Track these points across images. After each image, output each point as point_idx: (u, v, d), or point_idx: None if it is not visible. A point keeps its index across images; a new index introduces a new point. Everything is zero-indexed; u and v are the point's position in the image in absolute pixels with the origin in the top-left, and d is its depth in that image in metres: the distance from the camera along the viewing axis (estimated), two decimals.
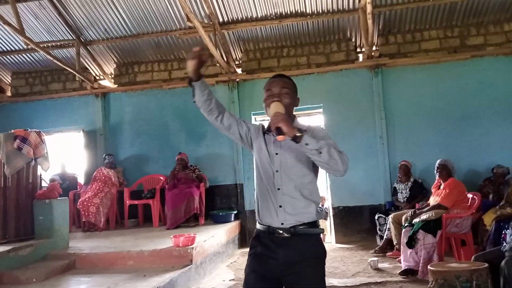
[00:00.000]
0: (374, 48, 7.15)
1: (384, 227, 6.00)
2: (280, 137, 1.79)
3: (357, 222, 6.90)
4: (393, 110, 7.00)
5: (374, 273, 4.84)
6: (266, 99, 2.01)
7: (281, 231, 1.92)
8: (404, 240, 4.63)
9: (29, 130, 5.12)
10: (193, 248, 4.58)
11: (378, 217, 6.19)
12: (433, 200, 5.00)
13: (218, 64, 7.54)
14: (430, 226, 4.44)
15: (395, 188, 6.49)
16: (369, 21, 6.04)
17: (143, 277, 3.99)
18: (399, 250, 5.20)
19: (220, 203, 7.41)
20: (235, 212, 7.14)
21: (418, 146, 6.85)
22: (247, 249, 2.09)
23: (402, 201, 6.23)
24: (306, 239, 1.92)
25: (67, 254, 4.73)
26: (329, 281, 4.55)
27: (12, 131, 5.03)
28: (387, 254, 5.63)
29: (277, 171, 1.96)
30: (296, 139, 1.78)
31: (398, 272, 4.65)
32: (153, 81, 7.91)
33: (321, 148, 1.78)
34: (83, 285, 3.91)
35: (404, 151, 6.84)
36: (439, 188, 5.05)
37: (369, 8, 5.72)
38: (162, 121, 7.74)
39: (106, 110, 7.95)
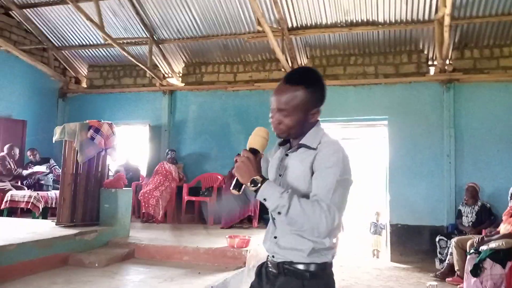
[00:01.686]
0: (447, 61, 6.84)
1: (445, 251, 5.70)
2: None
3: (415, 242, 6.61)
4: (464, 128, 6.65)
5: None
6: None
7: (270, 266, 1.63)
8: (468, 267, 4.38)
9: (102, 121, 5.39)
10: (247, 250, 4.60)
11: (439, 240, 5.89)
12: (503, 228, 4.68)
13: (283, 70, 7.55)
14: (500, 256, 4.16)
15: (459, 210, 6.16)
16: (446, 34, 5.79)
17: (198, 274, 4.06)
18: (460, 277, 4.93)
19: None
20: None
21: (488, 168, 6.44)
22: None
23: (467, 225, 5.90)
24: (291, 281, 1.56)
25: (127, 243, 4.92)
26: None
27: (87, 121, 5.31)
28: (447, 279, 5.33)
29: None
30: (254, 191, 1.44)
31: None
32: (219, 82, 8.07)
33: (279, 208, 1.40)
34: (141, 275, 4.05)
35: (472, 172, 6.47)
36: (511, 216, 4.72)
37: (447, 20, 5.48)
38: (224, 122, 7.87)
39: (172, 107, 8.23)
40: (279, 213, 1.40)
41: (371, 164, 8.94)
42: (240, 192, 1.48)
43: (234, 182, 1.47)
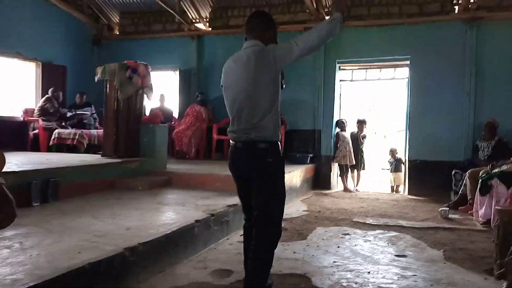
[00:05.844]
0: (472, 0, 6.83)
1: (460, 183, 6.01)
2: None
3: (433, 178, 6.90)
4: (485, 66, 6.74)
5: (444, 221, 5.01)
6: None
7: None
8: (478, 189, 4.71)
9: (138, 62, 5.80)
10: None
11: (455, 173, 6.20)
12: None
13: (307, 11, 7.68)
14: (507, 178, 4.47)
15: (476, 145, 6.39)
16: None
17: (230, 195, 4.57)
18: (472, 205, 5.28)
19: (298, 146, 7.82)
20: (311, 155, 7.54)
21: (509, 105, 6.59)
22: (320, 190, 2.41)
23: (482, 159, 6.13)
24: None
25: (165, 172, 5.50)
26: (398, 221, 4.85)
27: (125, 62, 5.74)
28: (460, 208, 5.68)
29: None
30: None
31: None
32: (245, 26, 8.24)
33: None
34: (180, 195, 4.61)
35: (492, 109, 6.60)
36: None
37: None
38: None
39: (200, 51, 8.55)
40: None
41: (392, 107, 9.13)
42: None
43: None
